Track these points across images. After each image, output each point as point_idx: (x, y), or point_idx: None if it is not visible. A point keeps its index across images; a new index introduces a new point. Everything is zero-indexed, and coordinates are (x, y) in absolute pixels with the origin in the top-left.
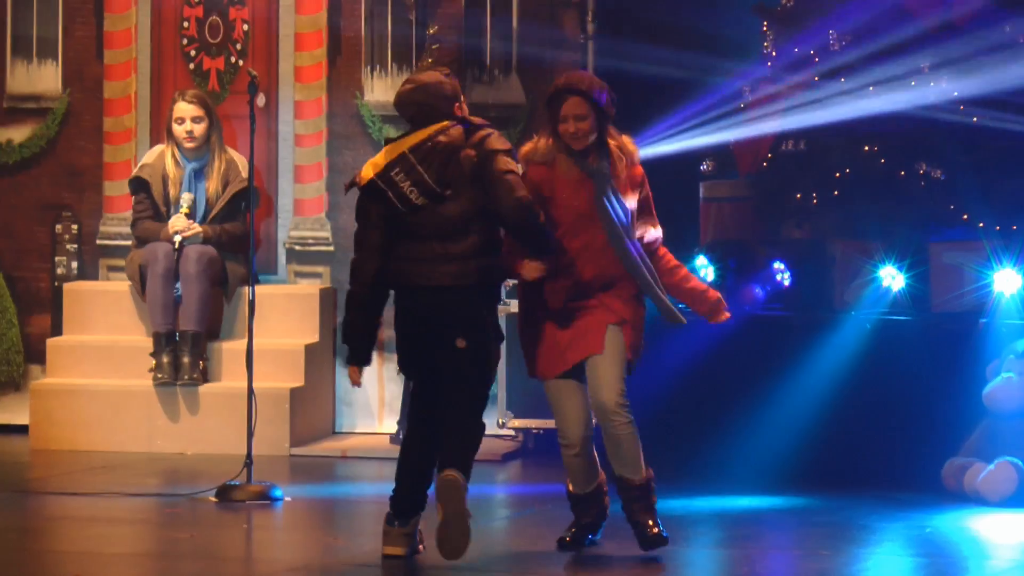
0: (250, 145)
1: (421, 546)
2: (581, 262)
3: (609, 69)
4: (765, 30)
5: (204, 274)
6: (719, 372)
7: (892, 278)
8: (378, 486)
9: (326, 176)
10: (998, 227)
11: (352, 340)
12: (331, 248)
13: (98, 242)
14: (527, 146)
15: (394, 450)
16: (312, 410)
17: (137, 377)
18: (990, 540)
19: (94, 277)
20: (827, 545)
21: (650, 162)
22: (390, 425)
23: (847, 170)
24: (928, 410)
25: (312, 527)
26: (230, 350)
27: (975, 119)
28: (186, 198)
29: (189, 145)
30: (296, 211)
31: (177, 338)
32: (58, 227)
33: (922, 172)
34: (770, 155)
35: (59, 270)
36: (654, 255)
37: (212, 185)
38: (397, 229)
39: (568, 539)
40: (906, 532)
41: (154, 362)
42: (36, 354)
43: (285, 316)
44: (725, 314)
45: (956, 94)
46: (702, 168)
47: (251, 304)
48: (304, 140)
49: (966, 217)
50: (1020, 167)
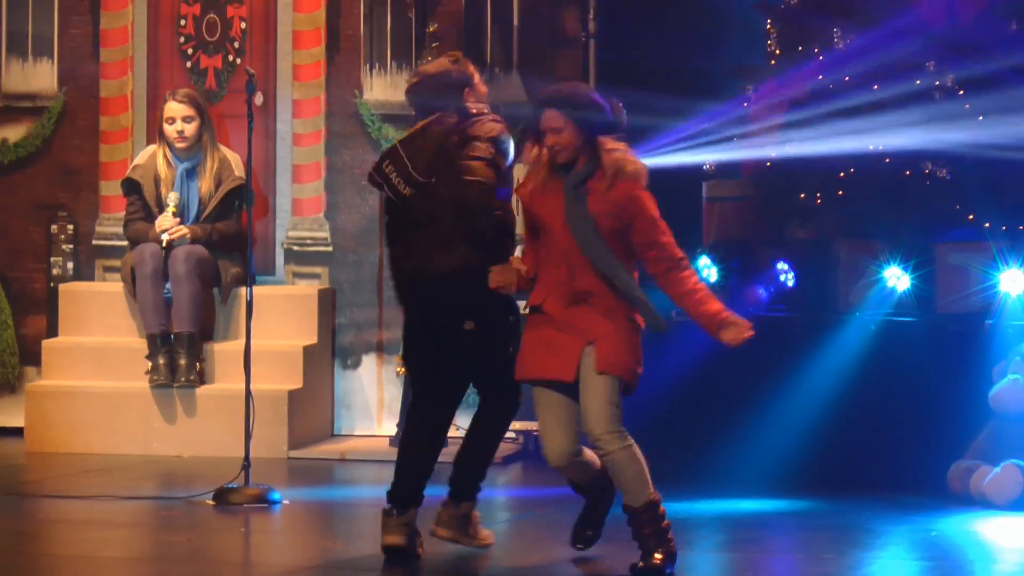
0: (248, 144)
1: (420, 549)
2: (560, 271)
3: (610, 67)
4: (768, 28)
5: (193, 274)
6: (722, 374)
7: (897, 279)
8: (377, 489)
9: (324, 176)
10: (1004, 227)
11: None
12: (329, 248)
13: (94, 242)
14: (532, 152)
15: (393, 453)
16: (310, 412)
17: (133, 379)
18: (996, 544)
19: (90, 278)
20: (831, 549)
21: (652, 163)
22: (389, 428)
23: (851, 169)
24: (933, 412)
25: (310, 530)
26: (227, 352)
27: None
28: (172, 197)
29: (180, 145)
30: (294, 211)
31: (172, 340)
32: (54, 227)
33: (928, 172)
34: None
35: (55, 271)
36: (670, 277)
37: (205, 184)
38: (399, 219)
39: (588, 534)
40: (911, 536)
41: (150, 364)
42: (31, 356)
43: (283, 317)
44: (748, 333)
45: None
46: (705, 167)
47: (249, 305)
48: (302, 139)
49: (972, 217)
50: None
